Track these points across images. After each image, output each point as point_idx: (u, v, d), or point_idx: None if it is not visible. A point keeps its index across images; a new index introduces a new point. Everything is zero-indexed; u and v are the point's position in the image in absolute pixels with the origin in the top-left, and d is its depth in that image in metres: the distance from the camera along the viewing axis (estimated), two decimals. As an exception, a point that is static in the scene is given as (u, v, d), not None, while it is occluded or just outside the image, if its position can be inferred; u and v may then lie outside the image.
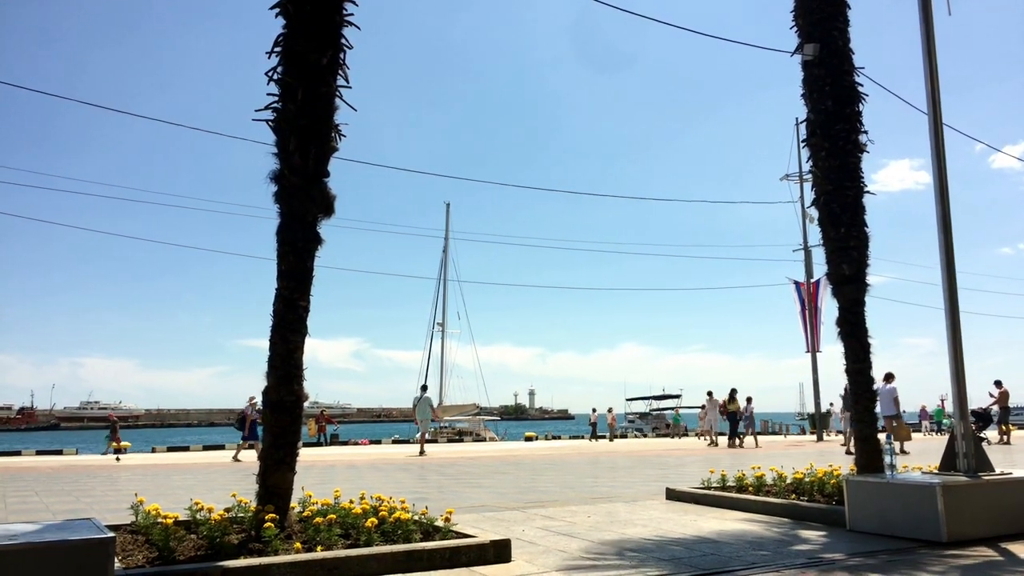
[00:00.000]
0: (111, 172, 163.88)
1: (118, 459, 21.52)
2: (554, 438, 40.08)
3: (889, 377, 19.18)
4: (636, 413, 62.94)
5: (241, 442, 20.90)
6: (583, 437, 41.77)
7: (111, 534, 4.12)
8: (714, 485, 9.85)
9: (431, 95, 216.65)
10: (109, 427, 27.54)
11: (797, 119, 30.92)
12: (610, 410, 39.28)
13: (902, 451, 19.12)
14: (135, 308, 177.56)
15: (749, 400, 27.27)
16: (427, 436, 23.84)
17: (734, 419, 26.47)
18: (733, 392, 26.56)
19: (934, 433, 36.96)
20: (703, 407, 32.26)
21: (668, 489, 10.22)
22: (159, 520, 5.74)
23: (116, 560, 4.54)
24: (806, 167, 10.39)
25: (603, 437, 37.50)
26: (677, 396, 61.22)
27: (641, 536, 7.15)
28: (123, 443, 26.31)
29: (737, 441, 25.91)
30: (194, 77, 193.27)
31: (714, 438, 27.45)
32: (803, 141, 9.73)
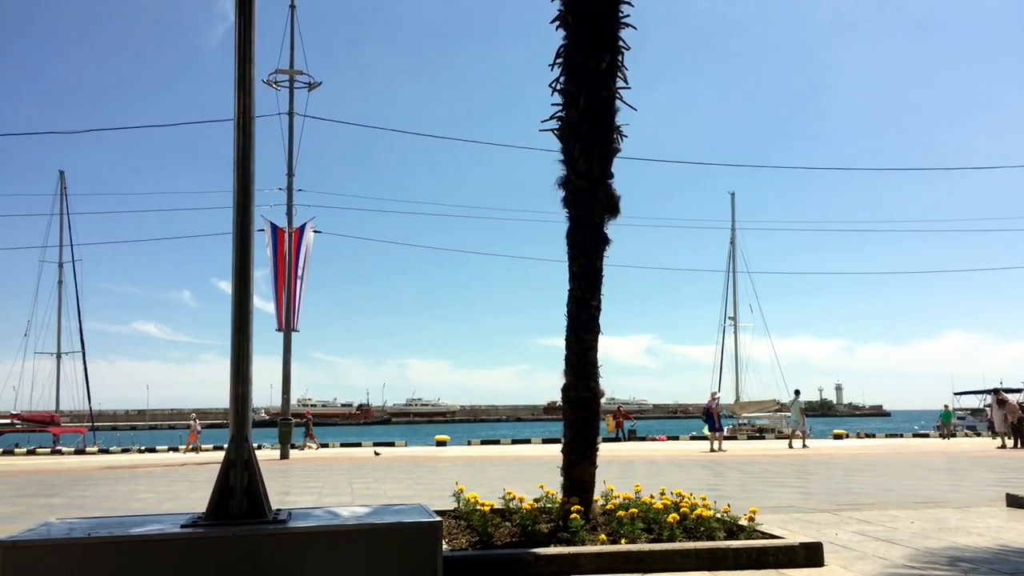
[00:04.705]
0: (424, 191, 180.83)
1: (377, 453, 23.52)
2: (867, 436, 36.97)
3: None
4: (967, 409, 55.92)
5: (711, 433, 23.80)
6: (903, 435, 38.11)
7: (438, 518, 4.57)
8: (1070, 492, 8.51)
9: (709, 82, 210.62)
10: (304, 424, 30.29)
11: None
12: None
13: None
14: (447, 313, 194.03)
15: None
16: (801, 433, 25.21)
17: None
18: None
19: None
20: (989, 406, 28.35)
21: (1009, 495, 9.00)
22: (477, 507, 6.24)
23: (443, 542, 5.02)
24: None
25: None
26: (1020, 390, 53.38)
27: (976, 545, 6.39)
28: (312, 442, 28.73)
29: None
30: (480, 95, 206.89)
31: (1003, 440, 23.97)
32: None
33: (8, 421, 45.58)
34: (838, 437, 33.82)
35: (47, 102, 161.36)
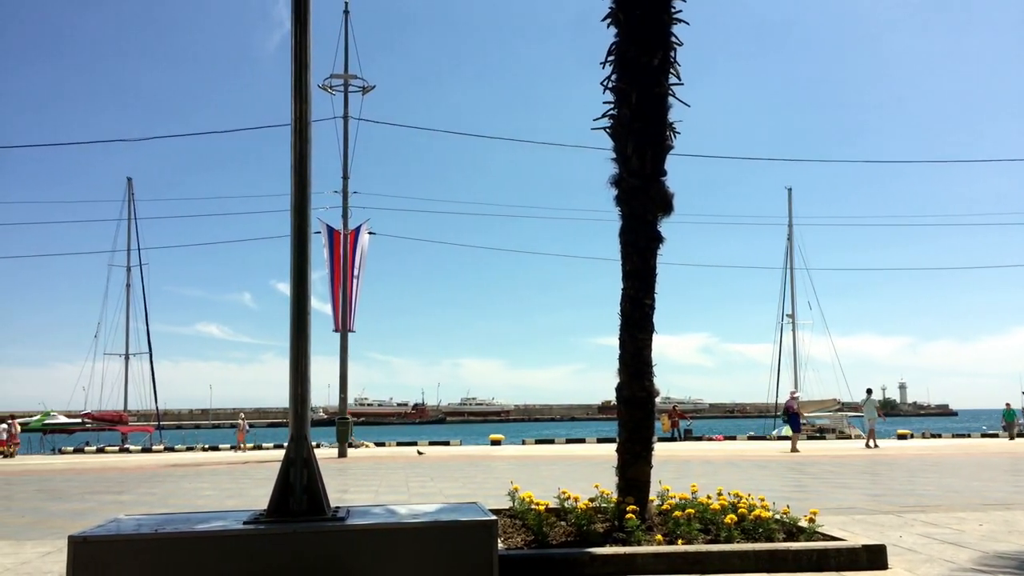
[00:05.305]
0: (476, 191, 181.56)
1: (420, 452, 23.65)
2: (932, 436, 35.90)
3: None
4: (1037, 408, 53.82)
5: (793, 433, 23.58)
6: (970, 435, 36.91)
7: (494, 517, 4.59)
8: None
9: (763, 74, 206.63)
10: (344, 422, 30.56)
11: None
12: None
13: None
14: (501, 313, 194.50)
15: None
16: (867, 433, 25.41)
17: None
18: None
19: None
20: None
21: (1086, 498, 8.66)
22: (532, 507, 6.25)
23: (499, 541, 5.05)
24: None
25: None
26: (1094, 388, 51.06)
27: (1051, 551, 6.15)
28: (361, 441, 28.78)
29: None
30: (531, 93, 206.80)
31: None
32: None
33: (79, 420, 47.29)
34: (902, 437, 32.89)
35: (114, 110, 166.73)
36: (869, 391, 26.26)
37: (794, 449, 22.21)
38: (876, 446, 23.99)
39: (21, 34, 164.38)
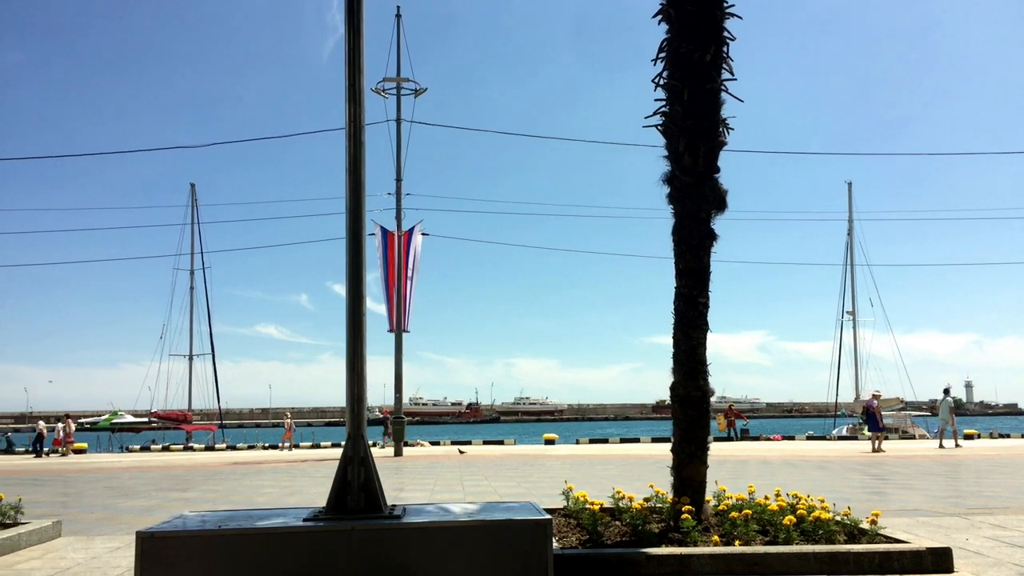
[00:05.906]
0: (528, 190, 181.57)
1: (461, 452, 23.64)
2: (1001, 436, 34.71)
3: None
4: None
5: (871, 433, 23.14)
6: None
7: (548, 516, 4.61)
8: None
9: (820, 64, 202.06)
10: (383, 422, 30.76)
11: None
12: None
13: None
14: (554, 312, 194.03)
15: None
16: (940, 432, 24.97)
17: None
18: None
19: None
20: None
21: None
22: (587, 506, 6.24)
23: (554, 540, 5.06)
24: None
25: None
26: None
27: None
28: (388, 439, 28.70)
29: None
30: (581, 91, 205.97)
31: None
32: None
33: (145, 419, 48.86)
34: (969, 437, 31.87)
35: (171, 116, 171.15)
36: (946, 390, 25.31)
37: (877, 449, 21.65)
38: (942, 447, 23.33)
39: (66, 41, 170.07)
